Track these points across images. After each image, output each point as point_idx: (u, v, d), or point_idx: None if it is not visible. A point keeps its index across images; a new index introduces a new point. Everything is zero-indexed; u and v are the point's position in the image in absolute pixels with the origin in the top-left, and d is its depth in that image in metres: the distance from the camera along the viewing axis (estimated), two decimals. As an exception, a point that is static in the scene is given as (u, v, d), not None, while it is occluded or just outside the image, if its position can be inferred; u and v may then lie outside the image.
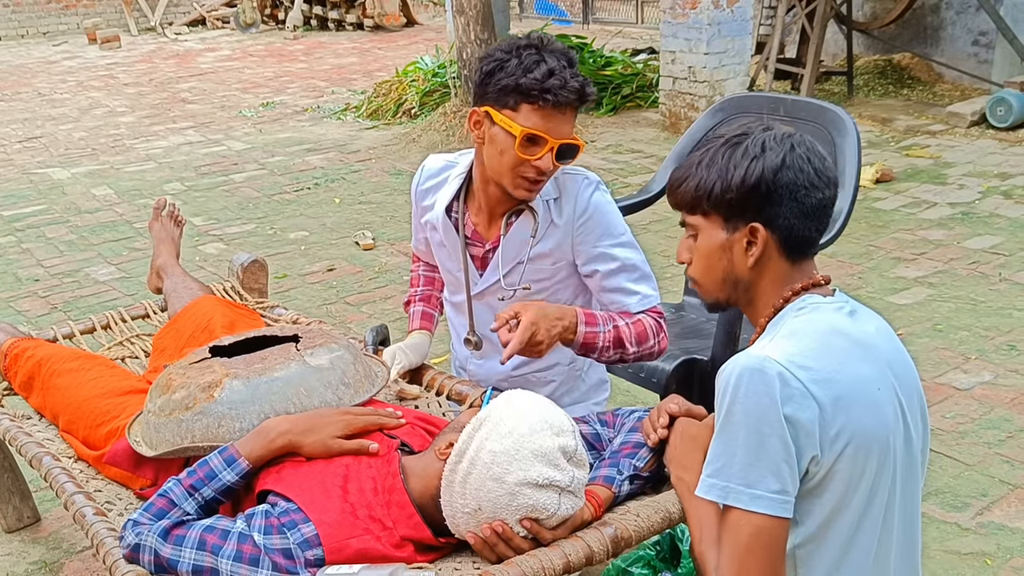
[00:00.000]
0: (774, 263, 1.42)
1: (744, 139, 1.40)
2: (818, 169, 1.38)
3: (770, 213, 1.38)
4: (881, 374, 1.36)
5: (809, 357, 1.30)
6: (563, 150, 1.86)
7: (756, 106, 2.81)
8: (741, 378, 1.28)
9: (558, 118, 1.83)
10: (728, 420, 1.30)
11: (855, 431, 1.29)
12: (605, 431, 1.79)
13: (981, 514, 2.56)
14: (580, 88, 1.82)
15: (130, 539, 1.54)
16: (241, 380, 1.75)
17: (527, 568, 1.45)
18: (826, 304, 1.39)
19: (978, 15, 7.33)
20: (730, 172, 1.38)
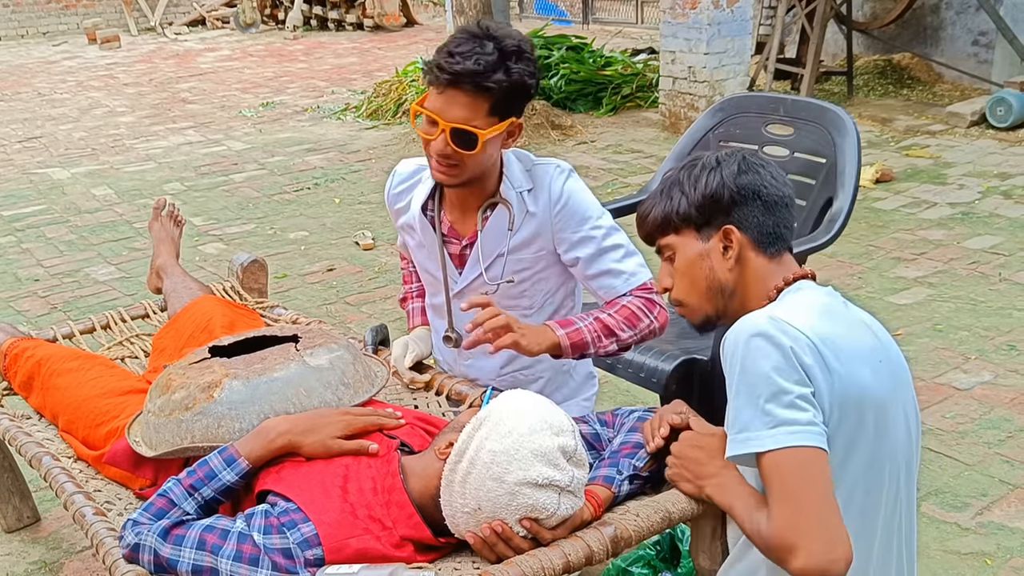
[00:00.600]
0: (753, 261, 1.48)
1: (698, 160, 1.51)
2: (772, 172, 1.49)
3: (738, 214, 1.47)
4: (884, 349, 1.41)
5: (813, 319, 1.35)
6: (459, 135, 1.81)
7: (756, 106, 2.81)
8: (750, 336, 1.32)
9: (449, 98, 1.79)
10: (743, 379, 1.33)
11: (854, 392, 1.33)
12: (605, 431, 1.79)
13: (981, 514, 2.56)
14: (471, 71, 1.75)
15: (130, 539, 1.54)
16: (241, 380, 1.75)
17: (527, 568, 1.45)
18: (820, 288, 1.46)
19: (978, 15, 7.33)
20: (694, 187, 1.48)
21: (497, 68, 1.77)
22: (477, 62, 1.76)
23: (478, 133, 1.81)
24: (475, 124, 1.81)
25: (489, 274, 2.00)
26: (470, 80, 1.77)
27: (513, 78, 1.80)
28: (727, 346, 1.37)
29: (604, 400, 3.26)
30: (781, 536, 1.28)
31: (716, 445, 1.54)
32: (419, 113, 1.85)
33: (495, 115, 1.83)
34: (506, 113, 1.85)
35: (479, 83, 1.77)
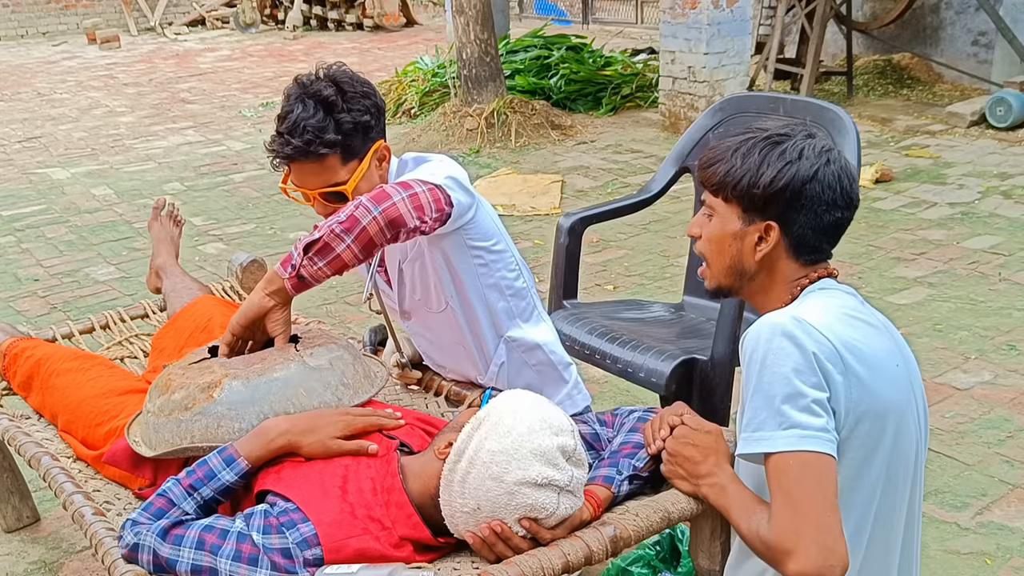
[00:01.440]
0: (782, 262, 1.45)
1: (785, 140, 1.42)
2: (845, 189, 1.42)
3: (787, 217, 1.42)
4: (901, 352, 1.42)
5: (837, 323, 1.34)
6: (329, 197, 1.88)
7: (756, 106, 2.81)
8: (773, 335, 1.32)
9: (300, 172, 1.86)
10: (762, 378, 1.32)
11: (875, 399, 1.32)
12: (604, 431, 1.79)
13: (981, 514, 2.56)
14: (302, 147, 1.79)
15: (129, 539, 1.54)
16: (240, 380, 1.75)
17: (526, 568, 1.45)
18: (842, 288, 1.45)
19: (978, 15, 7.33)
20: (762, 169, 1.41)
21: (325, 128, 1.80)
22: (304, 132, 1.79)
23: (343, 189, 1.86)
24: (337, 181, 1.86)
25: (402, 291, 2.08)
26: (305, 155, 1.81)
27: (345, 127, 1.83)
28: (748, 343, 1.36)
29: (604, 400, 3.26)
30: (780, 539, 1.28)
31: (711, 443, 1.54)
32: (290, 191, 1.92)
33: (351, 160, 1.87)
34: (362, 151, 1.88)
35: (316, 151, 1.81)
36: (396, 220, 1.70)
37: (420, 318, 2.13)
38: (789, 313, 1.35)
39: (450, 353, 2.16)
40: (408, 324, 2.18)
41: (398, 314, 2.16)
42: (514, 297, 2.09)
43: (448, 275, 2.01)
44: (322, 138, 1.80)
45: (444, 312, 2.06)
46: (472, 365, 2.14)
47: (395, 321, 2.22)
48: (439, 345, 2.17)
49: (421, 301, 2.07)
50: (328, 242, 1.69)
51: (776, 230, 1.43)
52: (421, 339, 2.20)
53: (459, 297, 2.03)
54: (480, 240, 1.98)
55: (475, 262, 2.00)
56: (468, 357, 2.12)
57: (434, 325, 2.12)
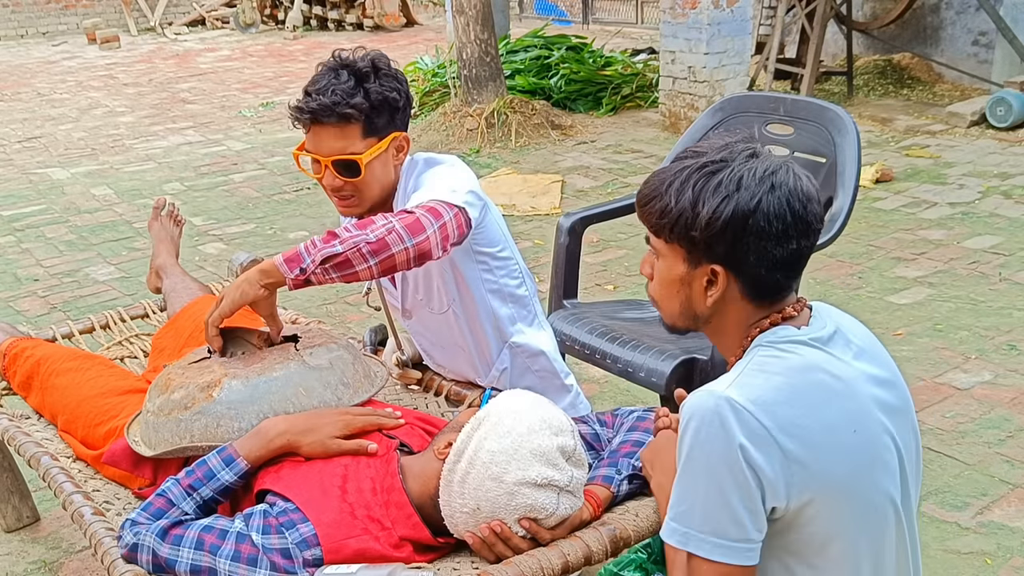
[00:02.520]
0: (737, 305, 1.32)
1: (722, 169, 1.26)
2: (797, 215, 1.25)
3: (734, 258, 1.27)
4: (859, 412, 1.27)
5: (776, 401, 1.21)
6: (341, 165, 1.86)
7: (756, 106, 2.81)
8: (703, 420, 1.21)
9: (319, 135, 1.85)
10: (689, 463, 1.24)
11: (822, 480, 1.22)
12: (604, 431, 1.79)
13: (981, 513, 2.56)
14: (328, 104, 1.80)
15: (128, 539, 1.54)
16: (240, 380, 1.75)
17: (526, 568, 1.45)
18: (799, 336, 1.29)
19: (978, 15, 7.33)
20: (698, 208, 1.25)
21: (354, 93, 1.82)
22: (333, 93, 1.81)
23: (358, 159, 1.85)
24: (352, 151, 1.85)
25: (404, 289, 2.07)
26: (329, 113, 1.82)
27: (373, 97, 1.84)
28: (683, 414, 1.25)
29: (604, 400, 3.26)
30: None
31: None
32: (301, 157, 1.91)
33: (371, 136, 1.87)
34: (384, 131, 1.88)
35: (339, 112, 1.82)
36: (425, 254, 1.71)
37: (421, 317, 2.12)
38: (723, 393, 1.21)
39: (450, 353, 2.16)
40: (409, 323, 2.18)
41: (399, 312, 2.16)
42: (515, 304, 2.09)
43: (452, 278, 2.01)
44: (349, 101, 1.82)
45: (446, 314, 2.06)
46: (472, 367, 2.14)
47: (396, 319, 2.22)
48: (440, 345, 2.17)
49: (423, 301, 2.07)
50: (350, 258, 1.66)
51: (723, 274, 1.28)
52: (422, 338, 2.20)
53: (461, 300, 2.03)
54: (486, 246, 1.99)
55: (479, 267, 2.00)
56: (468, 359, 2.12)
57: (435, 325, 2.12)
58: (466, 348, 2.10)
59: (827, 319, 1.34)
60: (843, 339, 1.32)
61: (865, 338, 1.37)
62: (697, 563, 1.24)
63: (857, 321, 1.41)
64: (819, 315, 1.35)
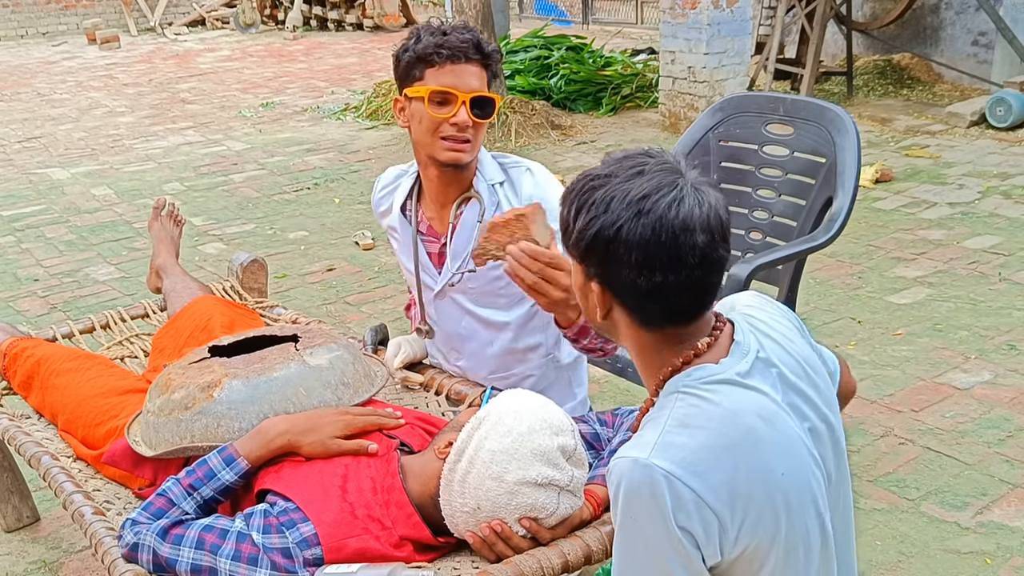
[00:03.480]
0: (631, 330, 1.24)
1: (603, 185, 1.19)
2: (664, 246, 1.14)
3: (609, 278, 1.20)
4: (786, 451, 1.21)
5: (702, 460, 1.15)
6: (478, 105, 1.89)
7: (756, 106, 2.81)
8: (630, 491, 1.15)
9: (461, 71, 1.87)
10: (622, 532, 1.19)
11: (756, 533, 1.18)
12: (604, 431, 1.79)
13: (981, 513, 2.56)
14: (475, 41, 1.87)
15: (128, 538, 1.54)
16: (240, 380, 1.75)
17: (526, 567, 1.45)
18: (719, 375, 1.21)
19: (978, 15, 7.33)
20: (576, 221, 1.20)
21: (481, 40, 1.89)
22: (471, 36, 1.87)
23: (495, 98, 1.91)
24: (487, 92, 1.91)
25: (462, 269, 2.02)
26: (476, 50, 1.87)
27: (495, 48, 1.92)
28: (610, 483, 1.19)
29: (604, 400, 3.26)
30: None
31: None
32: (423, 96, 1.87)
33: (490, 86, 1.93)
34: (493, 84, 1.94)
35: (483, 52, 1.88)
36: None
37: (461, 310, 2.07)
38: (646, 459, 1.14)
39: (474, 346, 2.11)
40: (439, 303, 2.11)
41: (432, 292, 2.10)
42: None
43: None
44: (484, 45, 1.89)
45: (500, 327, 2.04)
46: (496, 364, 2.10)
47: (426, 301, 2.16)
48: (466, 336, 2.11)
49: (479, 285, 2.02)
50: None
51: (600, 292, 1.22)
52: (449, 322, 2.13)
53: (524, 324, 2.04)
54: None
55: None
56: (495, 358, 2.09)
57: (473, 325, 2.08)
58: (498, 353, 2.08)
59: (748, 339, 1.26)
60: (764, 363, 1.24)
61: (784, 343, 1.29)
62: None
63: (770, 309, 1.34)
64: (739, 336, 1.26)
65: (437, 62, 1.86)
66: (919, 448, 2.87)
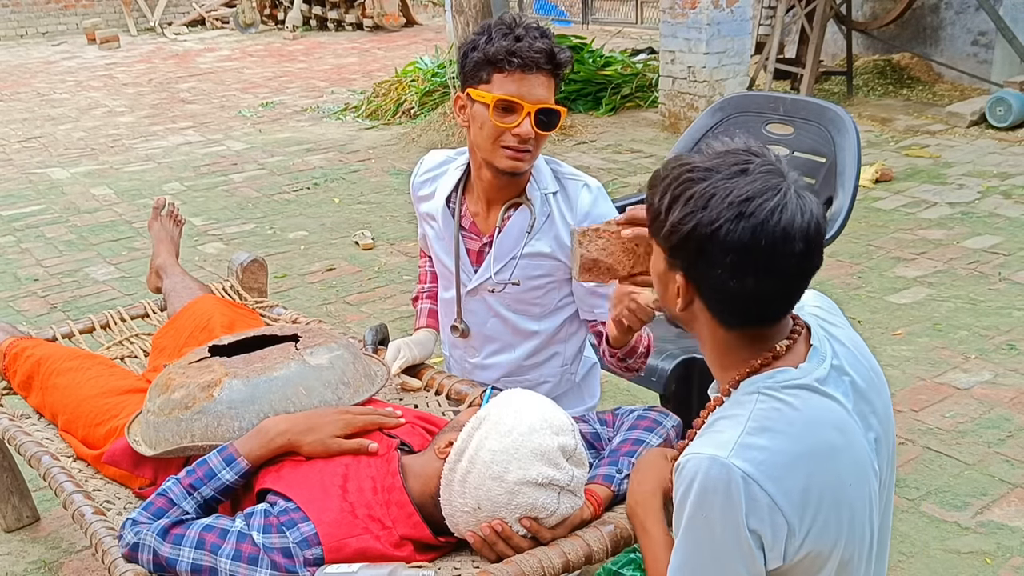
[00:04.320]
0: (709, 324, 1.24)
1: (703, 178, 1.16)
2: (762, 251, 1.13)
3: (695, 275, 1.19)
4: (855, 463, 1.23)
5: (780, 465, 1.16)
6: (543, 116, 1.83)
7: (756, 106, 2.81)
8: (706, 488, 1.16)
9: (530, 81, 1.80)
10: (690, 528, 1.19)
11: (820, 540, 1.20)
12: (604, 430, 1.79)
13: (981, 513, 2.56)
14: (549, 50, 1.79)
15: (129, 538, 1.54)
16: (240, 379, 1.75)
17: (526, 567, 1.45)
18: (799, 380, 1.21)
19: (978, 15, 7.33)
20: (669, 213, 1.18)
21: (554, 48, 1.80)
22: (545, 43, 1.79)
23: (561, 110, 1.85)
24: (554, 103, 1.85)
25: (500, 276, 1.99)
26: (549, 60, 1.80)
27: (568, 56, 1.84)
28: (682, 477, 1.19)
29: (604, 400, 3.25)
30: None
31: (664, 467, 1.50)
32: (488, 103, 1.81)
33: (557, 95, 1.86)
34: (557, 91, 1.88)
35: (555, 62, 1.81)
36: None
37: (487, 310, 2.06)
38: (725, 459, 1.15)
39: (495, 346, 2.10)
40: (469, 299, 2.08)
41: (466, 289, 2.07)
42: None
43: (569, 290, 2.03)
44: (560, 56, 1.81)
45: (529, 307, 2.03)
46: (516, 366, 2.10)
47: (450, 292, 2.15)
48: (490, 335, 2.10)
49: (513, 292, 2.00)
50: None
51: (684, 284, 1.21)
52: (473, 319, 2.10)
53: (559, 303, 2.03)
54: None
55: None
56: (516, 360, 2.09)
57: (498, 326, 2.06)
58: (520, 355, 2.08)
59: (823, 345, 1.26)
60: (838, 371, 1.25)
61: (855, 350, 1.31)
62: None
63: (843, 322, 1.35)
64: (816, 341, 1.27)
65: (507, 69, 1.78)
66: (919, 448, 2.87)
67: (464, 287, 2.06)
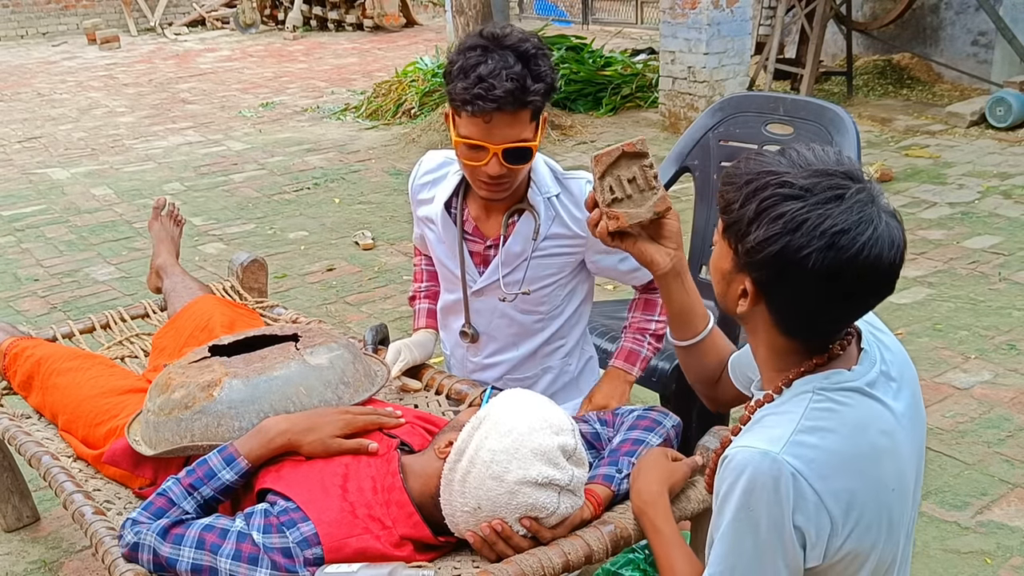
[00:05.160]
0: (768, 329, 1.25)
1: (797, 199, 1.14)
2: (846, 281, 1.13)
3: (768, 288, 1.20)
4: (899, 467, 1.25)
5: (830, 465, 1.18)
6: (512, 153, 1.79)
7: (755, 105, 2.81)
8: (754, 481, 1.16)
9: (494, 123, 1.75)
10: (737, 524, 1.19)
11: (862, 541, 1.21)
12: (604, 430, 1.79)
13: (981, 513, 2.56)
14: (514, 89, 1.71)
15: (129, 538, 1.54)
16: (240, 379, 1.75)
17: (526, 567, 1.45)
18: (853, 383, 1.23)
19: (977, 15, 7.33)
20: (753, 224, 1.17)
21: (526, 79, 1.74)
22: (512, 80, 1.72)
23: (531, 146, 1.80)
24: (524, 138, 1.79)
25: (507, 281, 1.98)
26: (513, 102, 1.73)
27: (546, 81, 1.77)
28: (728, 469, 1.20)
29: (604, 400, 3.25)
30: None
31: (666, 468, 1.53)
32: (460, 144, 1.81)
33: (535, 120, 1.82)
34: (541, 112, 1.84)
35: (522, 100, 1.74)
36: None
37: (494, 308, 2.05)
38: (776, 454, 1.16)
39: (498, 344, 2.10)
40: (473, 300, 2.07)
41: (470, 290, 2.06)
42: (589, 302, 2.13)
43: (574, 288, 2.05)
44: (530, 87, 1.73)
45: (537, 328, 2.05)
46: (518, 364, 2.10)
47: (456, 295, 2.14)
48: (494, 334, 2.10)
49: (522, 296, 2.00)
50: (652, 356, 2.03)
51: (755, 294, 1.21)
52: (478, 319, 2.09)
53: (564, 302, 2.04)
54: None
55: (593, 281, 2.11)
56: (519, 358, 2.09)
57: (504, 322, 2.06)
58: (524, 351, 2.08)
59: (873, 350, 1.28)
60: (886, 376, 1.27)
61: (899, 358, 1.32)
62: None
63: (886, 328, 1.36)
64: (866, 345, 1.28)
65: (474, 112, 1.74)
66: (919, 448, 2.87)
67: (470, 289, 2.05)
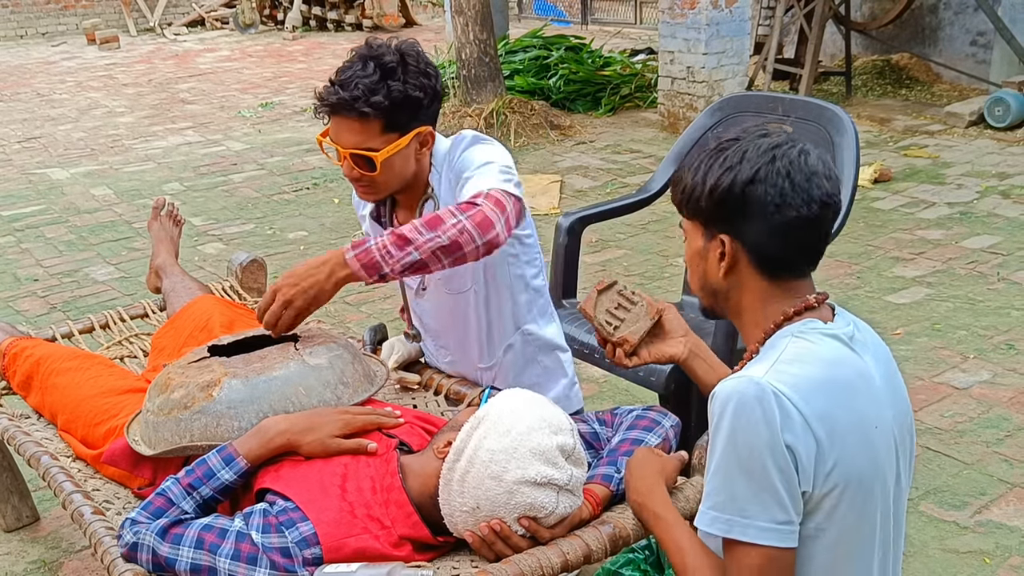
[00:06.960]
0: (750, 279, 1.36)
1: (730, 146, 1.35)
2: (797, 185, 1.29)
3: (738, 227, 1.33)
4: (878, 410, 1.32)
5: (812, 389, 1.25)
6: (358, 160, 1.86)
7: (755, 106, 2.81)
8: (741, 405, 1.23)
9: (341, 126, 1.84)
10: (728, 449, 1.24)
11: (848, 472, 1.25)
12: (603, 430, 1.79)
13: (980, 513, 2.56)
14: (346, 100, 1.79)
15: (128, 538, 1.54)
16: (240, 379, 1.76)
17: (525, 567, 1.45)
18: (828, 330, 1.33)
19: (976, 15, 7.34)
20: (707, 179, 1.34)
21: (377, 89, 1.79)
22: (355, 87, 1.79)
23: (374, 156, 1.84)
24: (369, 147, 1.84)
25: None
26: (348, 108, 1.80)
27: (395, 95, 1.81)
28: (715, 407, 1.27)
29: (604, 399, 3.26)
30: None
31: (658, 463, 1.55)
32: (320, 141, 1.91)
33: (392, 132, 1.85)
34: (406, 126, 1.86)
35: (358, 108, 1.80)
36: (494, 248, 1.76)
37: (437, 296, 2.10)
38: (759, 379, 1.24)
39: (458, 335, 2.13)
40: (420, 301, 2.15)
41: (413, 291, 2.14)
42: (533, 292, 2.10)
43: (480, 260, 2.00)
44: (369, 98, 1.79)
45: (465, 294, 2.05)
46: (478, 350, 2.11)
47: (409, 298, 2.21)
48: (448, 326, 2.14)
49: (442, 280, 2.04)
50: (427, 262, 1.72)
51: (729, 242, 1.34)
52: (430, 318, 2.17)
53: (484, 282, 2.03)
54: (518, 229, 1.99)
55: (508, 250, 2.00)
56: (476, 341, 2.10)
57: (449, 304, 2.09)
58: (476, 331, 2.09)
59: (848, 317, 1.38)
60: (861, 339, 1.37)
61: (876, 344, 1.40)
62: (743, 550, 1.25)
63: (867, 326, 1.43)
64: (841, 313, 1.39)
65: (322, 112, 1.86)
66: (918, 448, 2.87)
67: (411, 289, 2.13)
